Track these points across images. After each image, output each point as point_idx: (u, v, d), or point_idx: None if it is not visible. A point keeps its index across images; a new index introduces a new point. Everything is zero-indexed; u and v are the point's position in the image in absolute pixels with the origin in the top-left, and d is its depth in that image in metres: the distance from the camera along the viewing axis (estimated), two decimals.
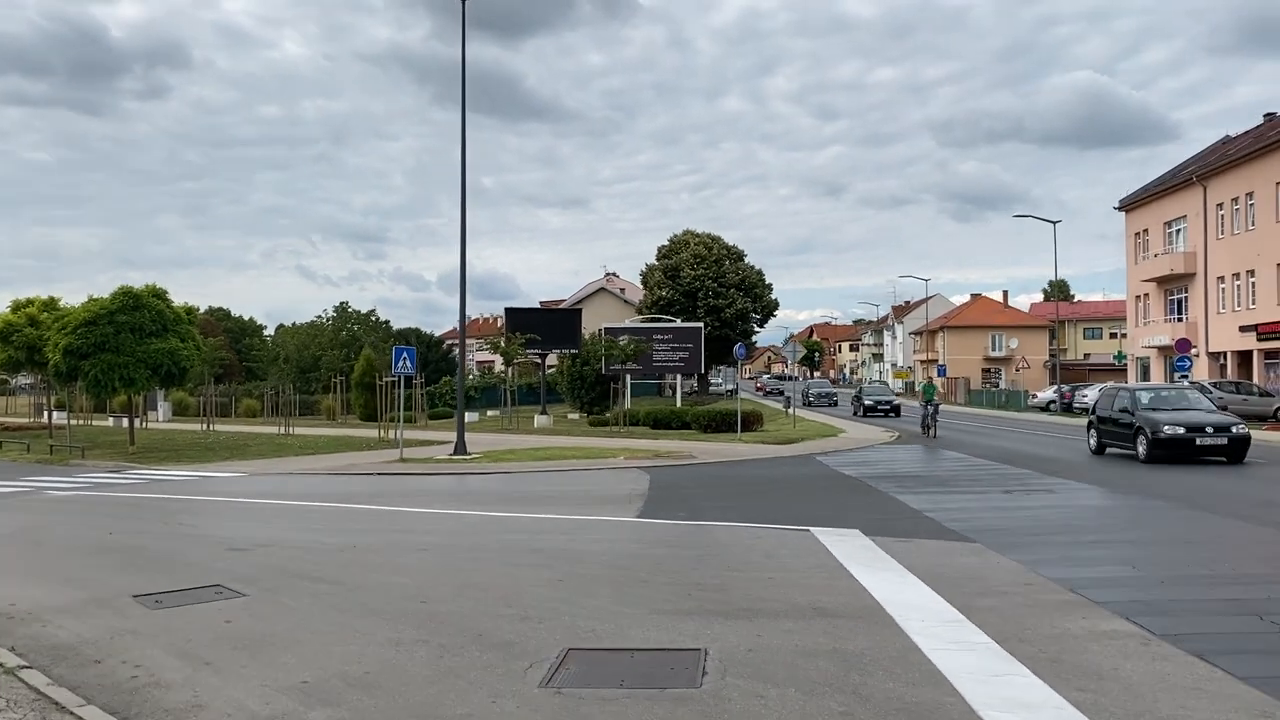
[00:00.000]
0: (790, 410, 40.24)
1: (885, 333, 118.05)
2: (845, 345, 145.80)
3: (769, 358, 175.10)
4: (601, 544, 10.57)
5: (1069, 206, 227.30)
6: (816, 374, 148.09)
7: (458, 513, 13.70)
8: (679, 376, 51.56)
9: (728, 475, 18.86)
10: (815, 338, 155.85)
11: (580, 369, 48.25)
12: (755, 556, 9.54)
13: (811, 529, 11.12)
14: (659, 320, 55.55)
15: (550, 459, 22.52)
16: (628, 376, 50.91)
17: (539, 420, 41.75)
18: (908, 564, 8.93)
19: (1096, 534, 11.11)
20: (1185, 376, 37.76)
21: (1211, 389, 38.13)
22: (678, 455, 23.06)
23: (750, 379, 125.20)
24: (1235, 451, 19.96)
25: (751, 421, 32.06)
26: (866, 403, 48.33)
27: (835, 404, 61.63)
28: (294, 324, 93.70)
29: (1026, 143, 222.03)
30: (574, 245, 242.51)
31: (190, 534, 12.03)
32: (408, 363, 22.86)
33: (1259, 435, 30.93)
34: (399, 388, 24.59)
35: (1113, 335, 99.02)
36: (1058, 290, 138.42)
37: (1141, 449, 20.14)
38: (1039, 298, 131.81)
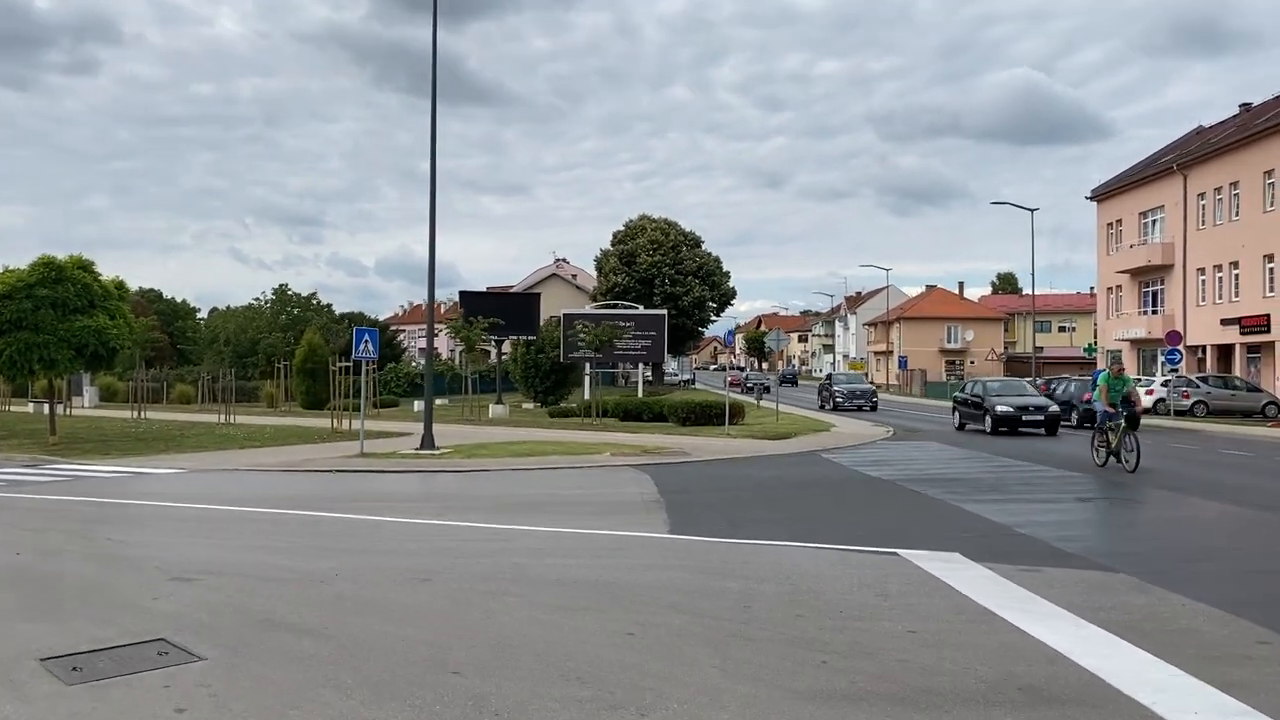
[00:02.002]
0: (760, 403, 38.48)
1: (837, 323, 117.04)
2: (794, 336, 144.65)
3: (715, 348, 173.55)
4: (651, 573, 8.38)
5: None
6: (761, 365, 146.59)
7: (449, 524, 11.41)
8: (641, 365, 49.44)
9: (739, 476, 16.77)
10: (763, 328, 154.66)
11: (535, 356, 45.90)
12: (865, 596, 7.43)
13: (900, 552, 9.07)
14: (620, 307, 53.26)
15: (529, 455, 20.27)
16: (588, 365, 48.75)
17: (494, 410, 39.27)
18: (1066, 605, 6.92)
19: (1262, 559, 9.19)
20: (1175, 370, 36.59)
21: (1199, 383, 37.03)
22: (669, 451, 20.94)
23: (700, 369, 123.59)
24: None
25: (733, 415, 30.09)
26: (1000, 409, 27.95)
27: (875, 408, 45.59)
28: (228, 307, 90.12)
29: (965, 138, 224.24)
30: (516, 232, 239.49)
31: (121, 554, 9.59)
32: (370, 345, 20.45)
33: (1261, 432, 29.85)
34: (362, 373, 22.07)
35: (1062, 329, 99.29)
36: (1007, 283, 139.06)
37: None
38: (985, 291, 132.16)
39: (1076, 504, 12.83)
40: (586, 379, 47.77)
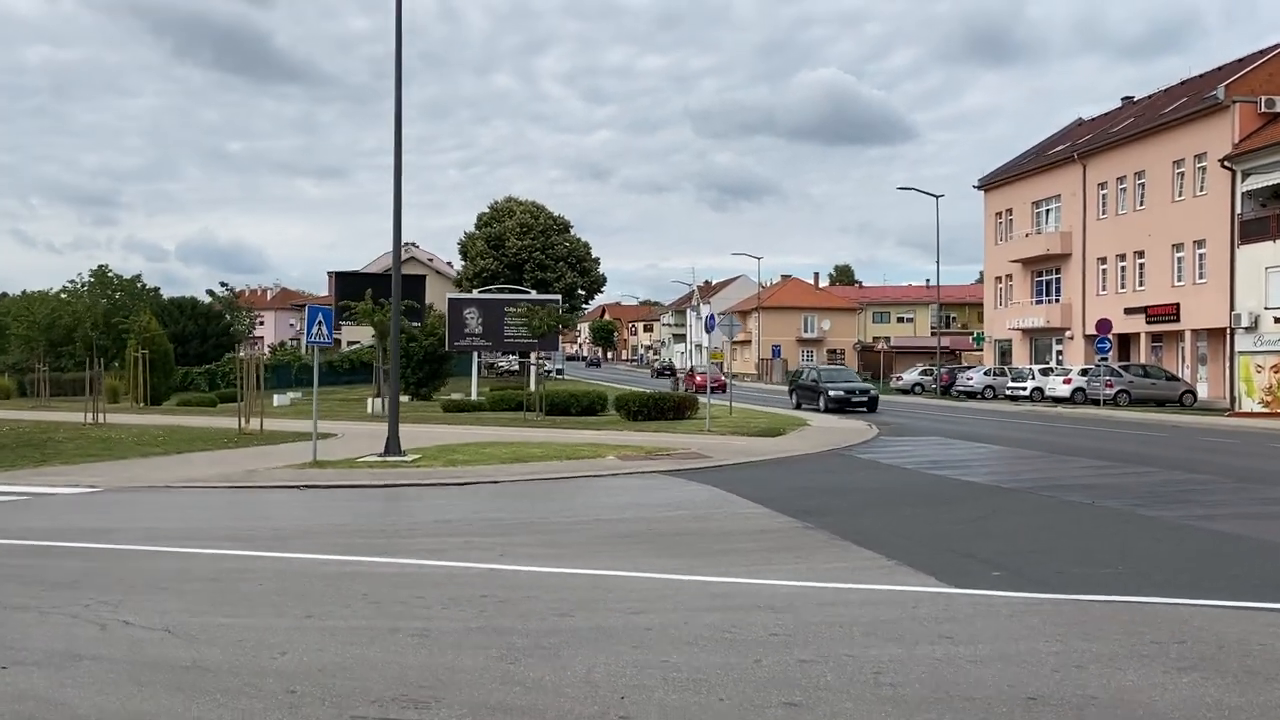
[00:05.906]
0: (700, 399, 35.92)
1: (689, 313, 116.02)
2: (640, 326, 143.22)
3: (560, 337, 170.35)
4: (1105, 675, 5.42)
5: (815, 200, 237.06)
6: (606, 354, 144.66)
7: (620, 575, 8.02)
8: (533, 355, 46.07)
9: (831, 487, 13.87)
10: (608, 317, 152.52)
11: (407, 345, 41.98)
12: None
13: None
14: (507, 291, 49.68)
15: (517, 461, 16.83)
16: (475, 355, 45.29)
17: (375, 404, 34.98)
18: None
19: None
20: (1104, 358, 36.15)
21: (1121, 372, 36.75)
22: (679, 454, 17.98)
23: (574, 359, 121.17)
24: None
25: (685, 408, 27.41)
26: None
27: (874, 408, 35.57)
28: (24, 292, 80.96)
29: (778, 136, 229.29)
30: (333, 217, 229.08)
31: (195, 660, 5.81)
32: (324, 328, 16.56)
33: (1178, 418, 30.06)
34: (315, 361, 18.00)
35: (900, 320, 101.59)
36: (844, 275, 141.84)
37: None
38: (824, 283, 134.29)
39: None
40: (474, 369, 44.26)
